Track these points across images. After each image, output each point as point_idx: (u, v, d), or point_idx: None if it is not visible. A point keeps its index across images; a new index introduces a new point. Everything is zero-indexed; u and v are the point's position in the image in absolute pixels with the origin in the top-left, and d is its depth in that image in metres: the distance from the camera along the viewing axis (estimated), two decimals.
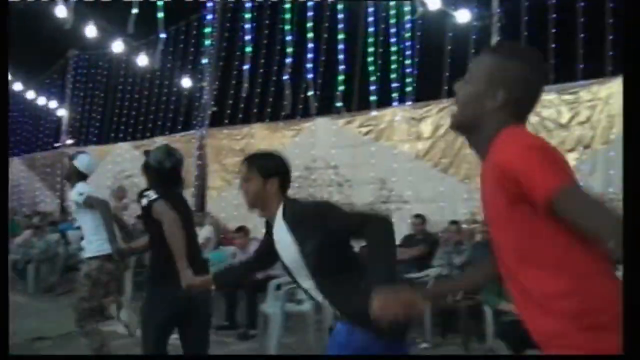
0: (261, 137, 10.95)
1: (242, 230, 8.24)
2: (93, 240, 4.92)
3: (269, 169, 2.84)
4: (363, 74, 10.04)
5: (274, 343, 5.73)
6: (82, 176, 5.03)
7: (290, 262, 2.79)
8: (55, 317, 6.09)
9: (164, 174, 3.83)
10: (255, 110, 11.56)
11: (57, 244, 10.69)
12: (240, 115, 11.71)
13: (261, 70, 11.54)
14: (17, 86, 15.74)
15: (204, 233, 9.70)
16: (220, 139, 11.86)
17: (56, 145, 16.19)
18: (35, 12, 11.59)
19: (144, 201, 3.68)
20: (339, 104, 10.23)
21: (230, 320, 7.05)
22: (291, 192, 2.93)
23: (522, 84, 1.77)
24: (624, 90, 1.60)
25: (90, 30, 12.06)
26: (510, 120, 1.74)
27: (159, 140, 12.37)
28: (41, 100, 16.00)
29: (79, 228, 11.53)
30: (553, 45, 8.59)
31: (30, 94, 15.93)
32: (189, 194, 11.47)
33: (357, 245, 2.88)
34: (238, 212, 9.85)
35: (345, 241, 2.74)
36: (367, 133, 9.68)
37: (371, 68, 10.00)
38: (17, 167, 17.07)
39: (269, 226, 2.89)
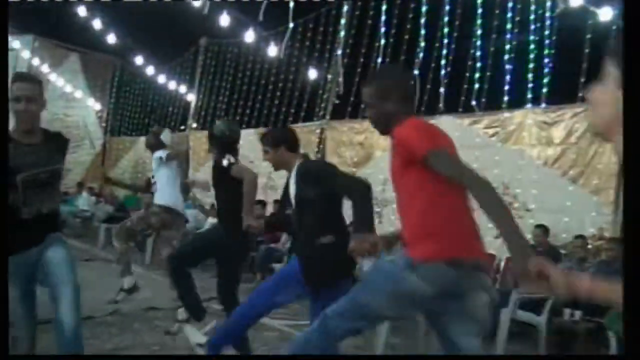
0: None
1: None
2: (165, 193, 6.48)
3: (274, 141, 3.87)
4: (497, 73, 9.54)
5: (381, 343, 5.57)
6: (161, 146, 6.57)
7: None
8: (169, 290, 6.17)
9: (225, 143, 4.72)
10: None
11: None
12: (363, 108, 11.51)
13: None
14: (149, 70, 16.38)
15: None
16: (340, 132, 11.77)
17: (182, 127, 16.69)
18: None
19: (225, 162, 4.55)
20: (473, 102, 9.69)
21: None
22: None
23: (401, 91, 2.82)
24: (624, 89, 1.52)
25: (224, 19, 12.28)
26: (403, 115, 2.72)
27: None
28: (171, 85, 16.53)
29: (197, 207, 11.90)
30: None
31: (161, 78, 16.50)
32: None
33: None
34: None
35: (333, 200, 3.60)
36: (493, 135, 9.19)
37: (508, 67, 9.36)
38: (142, 146, 17.74)
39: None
